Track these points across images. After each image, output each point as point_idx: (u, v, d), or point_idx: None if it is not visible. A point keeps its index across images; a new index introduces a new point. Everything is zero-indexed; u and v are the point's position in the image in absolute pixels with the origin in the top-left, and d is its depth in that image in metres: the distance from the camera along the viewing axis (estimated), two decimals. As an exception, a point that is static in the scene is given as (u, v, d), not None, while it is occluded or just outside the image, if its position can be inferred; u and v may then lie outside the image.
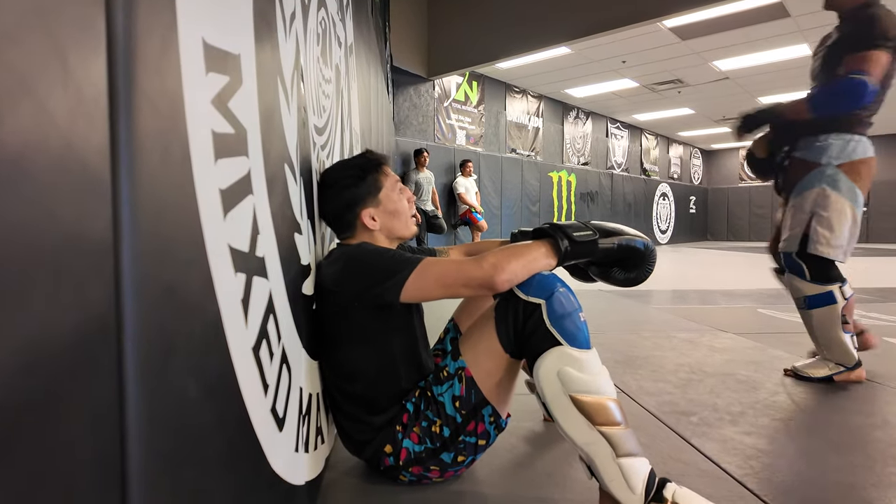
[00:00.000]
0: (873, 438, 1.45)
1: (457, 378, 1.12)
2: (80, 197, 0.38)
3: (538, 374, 1.03)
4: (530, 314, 1.06)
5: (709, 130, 13.49)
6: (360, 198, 1.21)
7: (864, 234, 14.16)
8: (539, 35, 5.95)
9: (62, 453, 0.36)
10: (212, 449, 0.56)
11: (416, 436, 1.13)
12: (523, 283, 1.07)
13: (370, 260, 1.10)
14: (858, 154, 1.88)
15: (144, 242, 0.44)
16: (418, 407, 1.14)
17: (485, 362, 1.11)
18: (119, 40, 0.41)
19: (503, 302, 1.11)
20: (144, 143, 0.44)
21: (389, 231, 1.25)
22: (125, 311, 0.42)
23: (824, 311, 1.93)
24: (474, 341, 1.14)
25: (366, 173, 1.22)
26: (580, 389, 1.00)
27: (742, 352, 2.42)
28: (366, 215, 1.21)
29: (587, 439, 0.99)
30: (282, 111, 0.86)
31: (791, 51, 7.35)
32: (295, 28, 0.99)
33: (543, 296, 1.05)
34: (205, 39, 0.54)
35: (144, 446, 0.44)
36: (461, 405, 1.11)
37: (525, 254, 1.06)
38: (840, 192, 1.88)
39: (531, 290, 1.06)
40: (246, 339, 0.64)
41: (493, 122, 9.00)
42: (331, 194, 1.22)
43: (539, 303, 1.05)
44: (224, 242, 0.58)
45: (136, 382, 0.42)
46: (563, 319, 1.03)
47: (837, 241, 1.89)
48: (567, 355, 1.02)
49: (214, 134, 0.56)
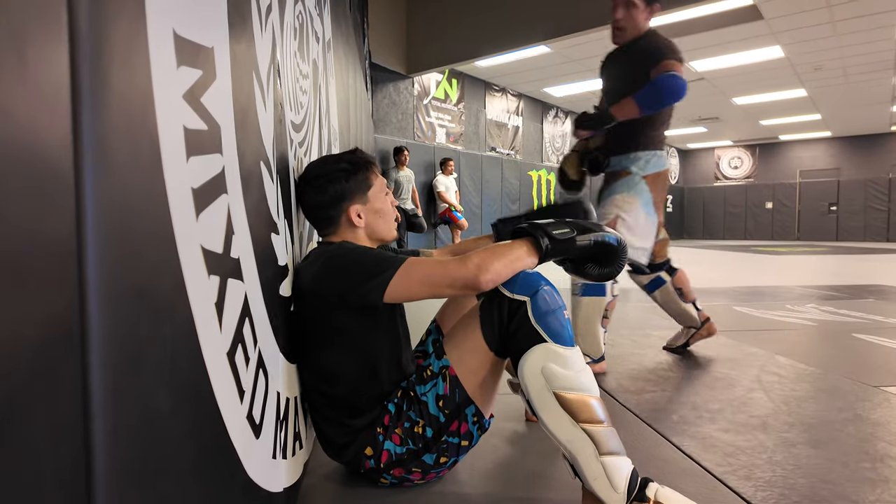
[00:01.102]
0: (846, 433, 1.48)
1: (440, 377, 1.11)
2: (39, 195, 0.35)
3: (523, 370, 1.03)
4: (515, 312, 1.05)
5: (685, 130, 13.71)
6: (348, 193, 1.19)
7: (833, 232, 14.57)
8: (518, 34, 5.97)
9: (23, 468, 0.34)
10: (184, 459, 0.53)
11: (397, 437, 1.11)
12: (508, 280, 1.07)
13: (353, 258, 1.08)
14: (660, 167, 2.20)
15: (111, 244, 0.41)
16: (400, 408, 1.12)
17: (469, 361, 1.10)
18: (82, 30, 0.39)
19: (487, 301, 1.10)
20: (111, 139, 0.41)
21: (373, 231, 1.24)
22: (90, 317, 0.39)
23: (592, 301, 2.09)
24: (458, 340, 1.13)
25: (356, 169, 1.20)
26: (564, 386, 1.00)
27: (719, 349, 2.46)
28: (353, 212, 1.19)
29: (570, 436, 0.99)
30: (257, 107, 0.83)
31: (765, 52, 7.51)
32: (271, 21, 0.96)
33: (528, 293, 1.05)
34: (175, 31, 0.52)
35: (111, 459, 0.41)
36: (445, 404, 1.10)
37: (507, 254, 1.06)
38: (642, 200, 2.15)
39: (516, 288, 1.06)
40: (220, 345, 0.62)
41: (473, 121, 9.00)
42: (316, 186, 1.18)
43: (524, 300, 1.05)
44: (196, 244, 0.56)
45: (101, 392, 0.40)
46: (547, 316, 1.03)
47: (638, 243, 2.12)
48: (552, 352, 1.02)
49: (186, 130, 0.54)
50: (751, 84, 9.23)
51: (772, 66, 8.11)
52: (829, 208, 14.72)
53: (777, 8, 5.92)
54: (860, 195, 14.25)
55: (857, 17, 6.22)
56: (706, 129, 13.53)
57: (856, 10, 5.99)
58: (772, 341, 2.62)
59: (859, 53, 7.55)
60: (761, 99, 10.32)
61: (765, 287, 4.84)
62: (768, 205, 15.67)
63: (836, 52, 7.46)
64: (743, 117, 12.13)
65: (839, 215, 14.55)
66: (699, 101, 10.58)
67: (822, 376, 2.03)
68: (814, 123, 12.88)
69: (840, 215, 14.53)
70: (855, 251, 10.26)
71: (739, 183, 16.39)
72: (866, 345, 2.56)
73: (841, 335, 2.78)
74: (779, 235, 15.52)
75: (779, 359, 2.28)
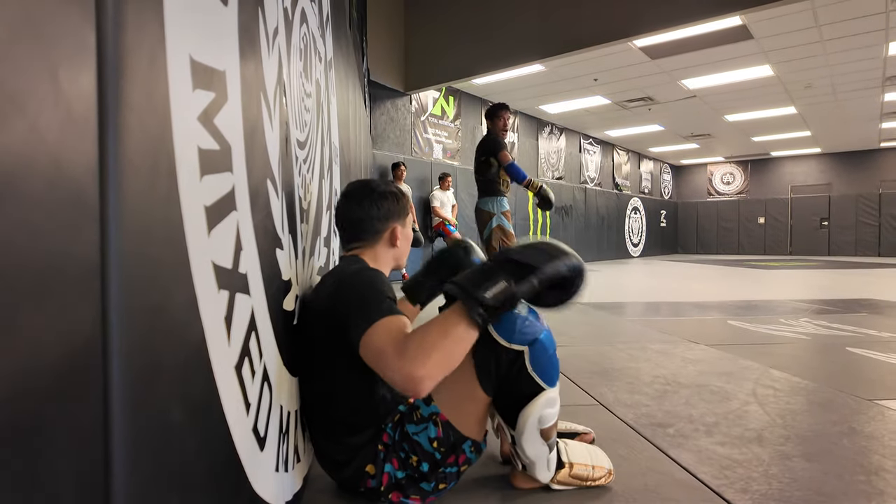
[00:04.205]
0: (841, 447, 1.49)
1: (431, 422, 1.10)
2: (68, 216, 0.37)
3: (523, 420, 1.08)
4: (512, 361, 1.05)
5: (678, 146, 13.86)
6: (396, 213, 1.27)
7: (824, 247, 14.68)
8: (513, 52, 6.06)
9: (46, 479, 0.35)
10: (196, 471, 0.54)
11: (397, 461, 1.11)
12: (502, 325, 1.02)
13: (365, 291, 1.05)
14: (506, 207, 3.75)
15: (131, 263, 0.43)
16: (394, 437, 1.12)
17: (464, 406, 1.10)
18: (109, 57, 0.41)
19: (482, 348, 1.04)
20: (133, 160, 0.43)
21: (400, 254, 1.30)
22: (111, 334, 0.41)
23: None
24: (449, 386, 1.05)
25: (403, 197, 1.30)
26: (548, 422, 1.11)
27: (714, 363, 2.48)
28: (398, 231, 1.27)
29: (538, 452, 1.14)
30: (265, 126, 0.85)
31: (755, 71, 7.63)
32: (278, 43, 0.99)
33: (526, 343, 1.04)
34: (192, 56, 0.54)
35: (129, 471, 0.42)
36: (439, 444, 1.10)
37: (445, 344, 0.90)
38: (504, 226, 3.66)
39: (514, 337, 1.04)
40: (228, 358, 0.63)
41: (470, 137, 9.07)
42: (372, 199, 1.24)
43: (521, 350, 1.05)
44: (208, 259, 0.57)
45: (122, 406, 0.41)
46: (544, 364, 1.05)
47: None
48: (549, 399, 1.08)
49: (200, 150, 0.56)
50: (742, 101, 9.36)
51: (762, 84, 8.24)
52: (821, 223, 14.84)
53: (767, 28, 6.04)
54: (851, 210, 14.39)
55: (844, 37, 6.35)
56: (698, 145, 13.69)
57: (843, 29, 6.12)
58: (766, 355, 2.64)
59: (848, 72, 7.69)
60: (752, 116, 10.46)
61: (759, 301, 4.87)
62: (761, 220, 15.79)
63: (825, 70, 7.59)
64: (735, 134, 12.28)
65: (831, 230, 14.66)
66: (692, 119, 10.71)
67: (816, 390, 2.04)
68: (804, 140, 13.05)
69: (832, 230, 14.65)
70: (847, 265, 10.34)
71: (732, 198, 16.53)
72: (860, 358, 2.59)
73: (835, 349, 2.80)
74: (771, 250, 15.62)
75: (773, 372, 2.30)
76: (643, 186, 15.30)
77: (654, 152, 15.04)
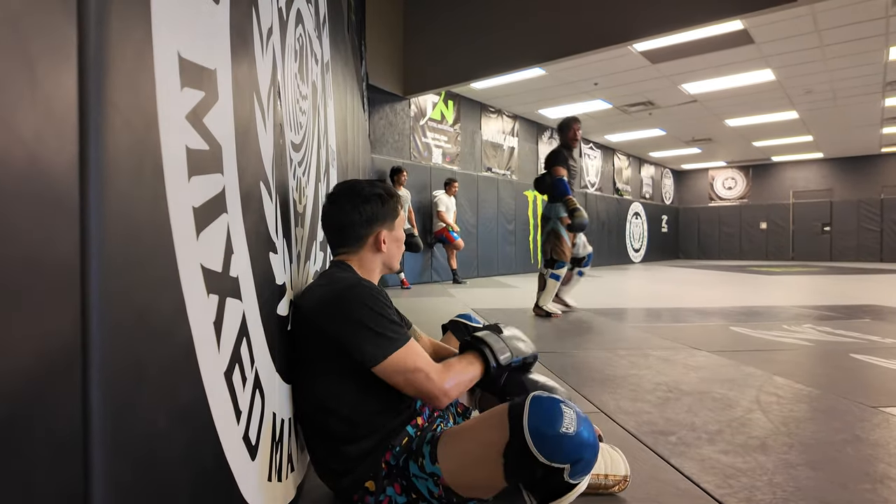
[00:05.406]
0: (846, 454, 1.47)
1: (432, 481, 1.05)
2: (46, 216, 0.35)
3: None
4: (550, 473, 0.98)
5: (679, 151, 13.85)
6: (381, 217, 1.23)
7: (826, 252, 14.66)
8: (513, 56, 6.06)
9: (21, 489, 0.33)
10: (182, 480, 0.53)
11: (399, 487, 1.08)
12: (542, 444, 0.96)
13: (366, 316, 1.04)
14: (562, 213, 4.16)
15: (114, 264, 0.41)
16: (398, 463, 1.08)
17: (477, 481, 1.05)
18: (91, 51, 0.39)
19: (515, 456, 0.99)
20: (115, 159, 0.42)
21: (389, 259, 1.26)
22: (91, 337, 0.39)
23: (551, 282, 4.17)
24: (462, 461, 1.05)
25: (390, 197, 1.25)
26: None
27: (716, 370, 2.45)
28: (383, 235, 1.23)
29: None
30: (258, 128, 0.84)
31: (755, 76, 7.63)
32: (272, 43, 0.98)
33: (569, 461, 0.97)
34: (180, 53, 0.53)
35: (110, 480, 0.41)
36: (440, 501, 1.06)
37: (465, 377, 1.15)
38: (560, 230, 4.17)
39: (556, 456, 0.96)
40: (218, 364, 0.62)
41: (469, 142, 9.08)
42: (354, 204, 1.21)
43: (563, 468, 0.97)
44: (196, 262, 0.56)
45: (101, 412, 0.40)
46: (584, 472, 0.99)
47: None
48: (578, 492, 1.01)
49: (189, 150, 0.54)
50: (743, 106, 9.36)
51: (763, 89, 8.24)
52: (823, 229, 14.81)
53: (767, 33, 6.04)
54: (853, 216, 14.36)
55: (845, 42, 6.35)
56: (700, 150, 13.68)
57: (844, 35, 6.12)
58: (769, 361, 2.61)
59: (848, 77, 7.69)
60: (754, 121, 10.46)
61: (761, 307, 4.85)
62: (762, 225, 15.77)
63: (826, 75, 7.59)
64: (736, 139, 12.28)
65: (833, 236, 14.64)
66: (692, 123, 10.71)
67: (820, 397, 2.02)
68: (806, 145, 13.04)
69: (833, 236, 14.62)
70: (849, 271, 10.31)
71: (734, 203, 16.51)
72: (864, 365, 2.56)
73: (838, 355, 2.77)
74: (773, 255, 15.58)
75: (777, 379, 2.27)
76: (644, 191, 15.29)
77: (654, 157, 15.04)
